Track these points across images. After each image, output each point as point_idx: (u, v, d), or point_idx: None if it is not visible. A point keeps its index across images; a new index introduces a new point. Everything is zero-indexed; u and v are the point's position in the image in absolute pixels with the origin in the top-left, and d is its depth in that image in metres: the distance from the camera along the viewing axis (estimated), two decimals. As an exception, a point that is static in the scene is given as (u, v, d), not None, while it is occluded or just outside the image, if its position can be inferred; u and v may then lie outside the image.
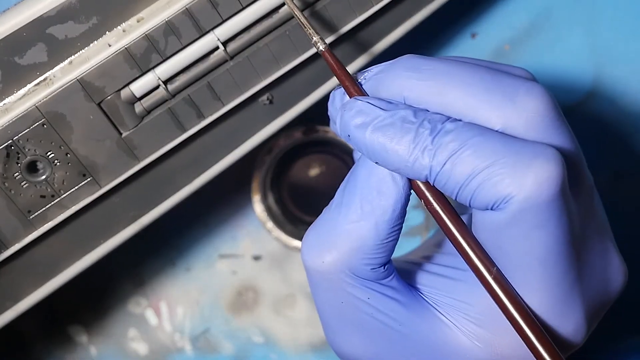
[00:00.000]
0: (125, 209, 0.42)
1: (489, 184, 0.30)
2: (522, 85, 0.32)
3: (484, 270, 0.32)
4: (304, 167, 0.55)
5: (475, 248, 0.32)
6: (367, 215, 0.33)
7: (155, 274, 0.55)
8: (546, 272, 0.32)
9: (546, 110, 0.32)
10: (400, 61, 0.33)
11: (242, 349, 0.55)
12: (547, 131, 0.32)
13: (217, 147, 0.43)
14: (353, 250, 0.33)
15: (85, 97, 0.38)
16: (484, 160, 0.30)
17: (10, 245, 0.40)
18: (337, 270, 0.34)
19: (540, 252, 0.31)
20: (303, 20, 0.35)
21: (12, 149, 0.38)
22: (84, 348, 0.56)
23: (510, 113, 0.31)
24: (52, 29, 0.37)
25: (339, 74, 0.34)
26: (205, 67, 0.40)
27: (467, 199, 0.31)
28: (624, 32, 0.53)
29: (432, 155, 0.31)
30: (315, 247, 0.34)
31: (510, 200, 0.30)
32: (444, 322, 0.34)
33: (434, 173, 0.31)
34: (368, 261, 0.34)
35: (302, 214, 0.56)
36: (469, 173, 0.30)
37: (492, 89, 0.32)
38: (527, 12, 0.54)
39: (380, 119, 0.32)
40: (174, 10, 0.38)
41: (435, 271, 0.36)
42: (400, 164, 0.32)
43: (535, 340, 0.31)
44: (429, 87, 0.32)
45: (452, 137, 0.31)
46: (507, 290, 0.32)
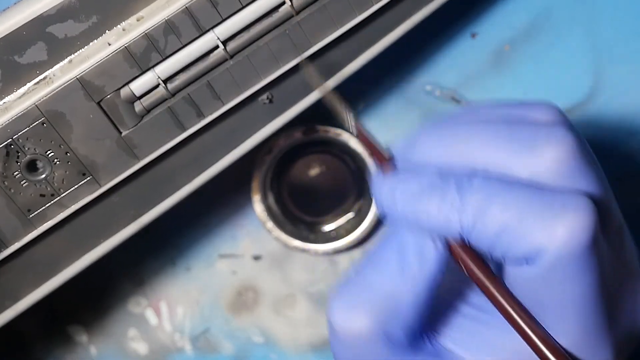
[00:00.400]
0: (125, 208, 0.42)
1: (520, 239, 0.30)
2: (540, 132, 0.32)
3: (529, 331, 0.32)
4: (304, 167, 0.55)
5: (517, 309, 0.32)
6: (406, 278, 0.32)
7: (155, 274, 0.55)
8: (580, 319, 0.32)
9: (567, 155, 0.31)
10: (423, 131, 0.34)
11: (242, 349, 0.55)
12: (573, 176, 0.31)
13: (217, 146, 0.43)
14: (390, 314, 0.33)
15: (85, 96, 0.38)
16: (513, 214, 0.30)
17: (10, 244, 0.40)
18: (371, 333, 0.33)
19: (574, 300, 0.31)
20: (335, 102, 0.37)
21: (12, 147, 0.38)
22: (84, 348, 0.56)
23: (534, 163, 0.31)
24: (52, 27, 0.37)
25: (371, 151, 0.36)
26: (205, 66, 0.40)
27: (501, 254, 0.31)
28: (624, 32, 0.53)
29: (462, 213, 0.31)
30: (348, 307, 0.33)
31: (541, 253, 0.30)
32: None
33: (466, 230, 0.31)
34: (404, 325, 0.33)
35: (302, 214, 0.56)
36: (499, 228, 0.30)
37: (514, 140, 0.32)
38: (527, 12, 0.54)
39: (410, 189, 0.32)
40: (174, 9, 0.38)
41: (463, 312, 0.36)
42: (434, 225, 0.32)
43: None
44: (453, 152, 0.33)
45: (478, 193, 0.31)
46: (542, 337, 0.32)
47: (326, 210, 0.56)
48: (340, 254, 0.55)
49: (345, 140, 0.53)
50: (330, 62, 0.43)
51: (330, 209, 0.56)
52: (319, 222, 0.56)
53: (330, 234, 0.55)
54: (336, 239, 0.54)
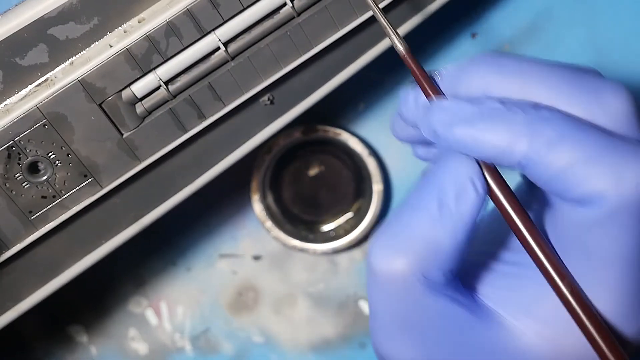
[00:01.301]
0: (126, 210, 0.42)
1: (587, 178, 0.30)
2: (606, 83, 0.32)
3: (556, 277, 0.32)
4: (303, 166, 0.55)
5: (550, 256, 0.32)
6: (445, 219, 0.32)
7: (155, 274, 0.55)
8: (625, 275, 0.31)
9: (630, 110, 0.31)
10: (479, 58, 0.33)
11: (242, 349, 0.55)
12: (633, 132, 0.32)
13: (218, 148, 0.43)
14: (428, 254, 0.33)
15: (87, 97, 0.38)
16: (583, 153, 0.30)
17: (12, 245, 0.40)
18: (410, 274, 0.33)
19: (624, 253, 0.31)
20: (384, 21, 0.35)
21: (14, 149, 0.38)
22: (84, 348, 0.56)
23: (596, 111, 0.31)
24: (53, 29, 0.37)
25: (418, 75, 0.34)
26: (206, 68, 0.40)
27: (559, 190, 0.31)
28: (624, 32, 0.53)
29: (529, 141, 0.30)
30: (387, 248, 0.33)
31: (605, 196, 0.30)
32: (505, 325, 0.34)
33: (529, 160, 0.31)
34: (441, 266, 0.33)
35: (301, 214, 0.56)
36: (566, 164, 0.30)
37: (577, 86, 0.32)
38: (527, 12, 0.54)
39: (468, 113, 0.32)
40: (175, 11, 0.38)
41: (497, 269, 0.35)
42: (494, 152, 0.31)
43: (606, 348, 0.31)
44: (512, 84, 0.32)
45: (549, 125, 0.30)
46: (579, 297, 0.32)
47: (325, 209, 0.56)
48: (340, 254, 0.55)
49: (344, 140, 0.54)
50: (331, 63, 0.43)
51: (330, 208, 0.56)
52: (318, 222, 0.56)
53: (330, 233, 0.55)
54: (335, 239, 0.54)
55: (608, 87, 0.32)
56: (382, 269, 0.33)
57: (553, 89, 0.32)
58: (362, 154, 0.54)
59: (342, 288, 0.55)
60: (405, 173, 0.55)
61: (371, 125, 0.55)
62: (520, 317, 0.34)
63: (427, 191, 0.33)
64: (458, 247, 0.33)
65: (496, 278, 0.35)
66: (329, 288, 0.55)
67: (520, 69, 0.32)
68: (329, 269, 0.55)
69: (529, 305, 0.34)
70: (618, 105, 0.31)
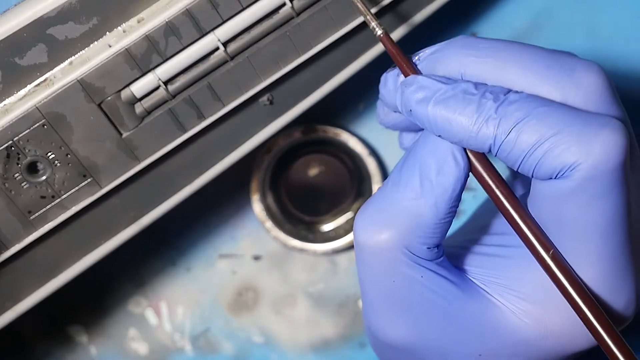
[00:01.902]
0: (126, 210, 0.42)
1: (556, 152, 0.30)
2: (579, 61, 0.33)
3: (541, 249, 0.32)
4: (303, 166, 0.55)
5: (533, 227, 0.33)
6: (427, 193, 0.33)
7: (155, 274, 0.55)
8: (605, 243, 0.32)
9: (603, 86, 0.32)
10: (456, 41, 0.34)
11: (242, 349, 0.55)
12: (605, 106, 0.32)
13: (218, 148, 0.43)
14: (411, 228, 0.33)
15: (86, 97, 0.38)
16: (550, 128, 0.30)
17: (11, 245, 0.40)
18: (394, 247, 0.34)
19: (601, 222, 0.31)
20: (361, 5, 0.36)
21: (13, 149, 0.38)
22: (84, 348, 0.56)
23: (569, 88, 0.32)
24: (53, 29, 0.37)
25: (396, 55, 0.35)
26: (205, 68, 0.40)
27: (531, 168, 0.31)
28: (624, 32, 0.53)
29: (497, 124, 0.31)
30: (372, 223, 0.34)
31: (576, 168, 0.30)
32: (493, 303, 0.34)
33: (498, 142, 0.31)
34: (425, 240, 0.34)
35: (301, 214, 0.56)
36: (535, 141, 0.31)
37: (550, 65, 0.32)
38: (527, 12, 0.54)
39: (442, 92, 0.32)
40: (175, 11, 0.38)
41: (483, 252, 0.36)
42: (464, 134, 0.32)
43: (592, 318, 0.31)
44: (487, 64, 0.33)
45: (516, 106, 0.31)
46: (564, 269, 0.32)
47: (325, 210, 0.56)
48: (340, 254, 0.55)
49: (344, 140, 0.54)
50: (330, 63, 0.43)
51: (329, 208, 0.56)
52: (318, 222, 0.56)
53: (329, 233, 0.55)
54: (335, 239, 0.54)
55: (580, 64, 0.32)
56: (366, 242, 0.34)
57: (527, 69, 0.32)
58: (362, 154, 0.54)
59: (342, 288, 0.55)
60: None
61: (371, 125, 0.55)
62: (507, 296, 0.34)
63: (409, 166, 0.34)
64: (440, 220, 0.33)
65: (482, 259, 0.36)
66: (329, 288, 0.55)
67: (495, 50, 0.33)
68: (329, 269, 0.55)
69: (515, 284, 0.34)
70: (590, 81, 0.32)
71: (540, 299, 0.34)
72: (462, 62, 0.33)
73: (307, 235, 0.55)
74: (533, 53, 0.33)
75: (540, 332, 0.34)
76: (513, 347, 0.34)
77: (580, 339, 0.34)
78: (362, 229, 0.34)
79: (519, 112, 0.31)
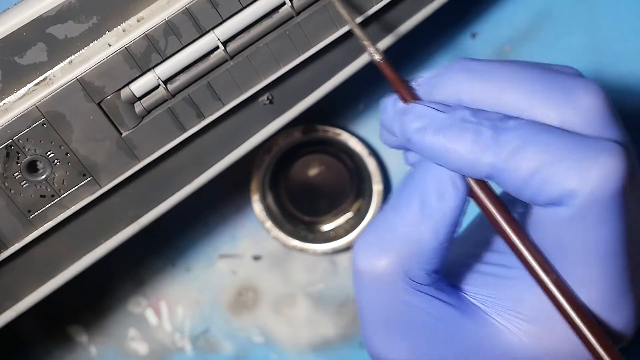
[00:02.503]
0: (125, 209, 0.42)
1: (554, 180, 0.30)
2: (579, 82, 0.32)
3: (543, 274, 0.32)
4: (303, 166, 0.55)
5: (534, 252, 0.32)
6: (426, 219, 0.33)
7: (155, 274, 0.55)
8: (605, 268, 0.32)
9: (602, 107, 0.32)
10: (453, 65, 0.34)
11: (242, 349, 0.55)
12: (605, 128, 0.32)
13: (217, 147, 0.43)
14: (411, 254, 0.33)
15: (85, 96, 0.38)
16: (548, 155, 0.30)
17: (10, 244, 0.40)
18: (393, 273, 0.33)
19: (601, 247, 0.31)
20: (358, 31, 0.36)
21: (12, 148, 0.38)
22: (84, 348, 0.56)
23: (567, 110, 0.32)
24: (52, 28, 0.37)
25: (394, 81, 0.35)
26: (205, 67, 0.40)
27: (530, 195, 0.31)
28: (624, 32, 0.53)
29: (495, 152, 0.31)
30: (371, 248, 0.34)
31: (574, 195, 0.30)
32: (492, 323, 0.34)
33: (497, 171, 0.31)
34: (424, 265, 0.33)
35: (301, 214, 0.56)
36: (533, 169, 0.30)
37: (549, 87, 0.32)
38: (527, 12, 0.54)
39: (440, 121, 0.32)
40: (174, 10, 0.38)
41: (482, 270, 0.36)
42: (462, 163, 0.32)
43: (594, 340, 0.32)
44: (485, 89, 0.32)
45: (514, 134, 0.31)
46: (566, 293, 0.32)
47: (325, 210, 0.56)
48: (340, 254, 0.55)
49: (344, 140, 0.54)
50: (330, 62, 0.43)
51: (329, 208, 0.56)
52: (318, 222, 0.56)
53: (329, 233, 0.55)
54: (335, 239, 0.54)
55: (579, 85, 0.32)
56: (366, 269, 0.34)
57: (524, 92, 0.32)
58: (362, 154, 0.54)
59: (342, 288, 0.55)
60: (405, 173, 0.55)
61: (371, 125, 0.55)
62: (506, 316, 0.34)
63: (409, 191, 0.34)
64: (440, 246, 0.33)
65: (481, 278, 0.35)
66: (329, 288, 0.55)
67: (493, 73, 0.33)
68: (329, 269, 0.55)
69: (514, 304, 0.34)
70: (589, 102, 0.32)
71: (539, 318, 0.34)
72: (459, 88, 0.33)
73: (307, 235, 0.55)
74: (531, 74, 0.33)
75: (540, 351, 0.34)
76: None
77: (580, 358, 0.34)
78: (362, 254, 0.34)
79: (516, 139, 0.31)
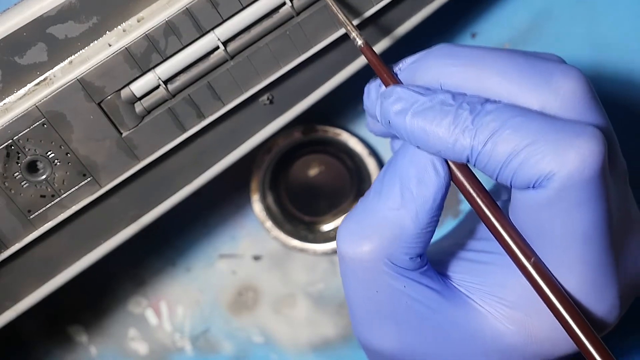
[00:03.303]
0: (125, 209, 0.42)
1: (531, 162, 0.30)
2: (558, 67, 0.32)
3: (522, 258, 0.32)
4: (303, 166, 0.55)
5: (514, 236, 0.33)
6: (407, 203, 0.33)
7: (155, 274, 0.55)
8: (585, 252, 0.32)
9: (582, 91, 0.32)
10: (434, 50, 0.34)
11: (242, 349, 0.55)
12: (584, 112, 0.32)
13: (218, 147, 0.43)
14: (393, 238, 0.33)
15: (86, 96, 0.38)
16: (526, 138, 0.30)
17: (10, 245, 0.40)
18: (376, 258, 0.34)
19: (580, 230, 0.31)
20: (342, 17, 0.36)
21: (12, 148, 0.38)
22: (84, 348, 0.56)
23: (547, 95, 0.32)
24: (52, 28, 0.37)
25: (376, 66, 0.35)
26: (205, 67, 0.40)
27: (508, 178, 0.31)
28: (624, 32, 0.53)
29: (473, 135, 0.31)
30: (354, 234, 0.34)
31: (552, 177, 0.30)
32: (477, 309, 0.34)
33: (475, 153, 0.31)
34: (407, 250, 0.34)
35: (301, 214, 0.56)
36: (511, 151, 0.31)
37: (529, 72, 0.32)
38: (527, 12, 0.54)
39: (420, 104, 0.32)
40: (174, 10, 0.38)
41: (466, 257, 0.36)
42: (441, 146, 0.32)
43: (574, 324, 0.32)
44: (465, 73, 0.33)
45: (492, 117, 0.31)
46: (545, 277, 0.32)
47: (325, 209, 0.56)
48: (340, 254, 0.55)
49: (344, 140, 0.54)
50: (330, 62, 0.43)
51: (329, 208, 0.56)
52: (318, 222, 0.56)
53: (329, 233, 0.55)
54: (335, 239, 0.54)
55: (559, 70, 0.32)
56: (349, 254, 0.34)
57: (505, 77, 0.32)
58: (362, 154, 0.54)
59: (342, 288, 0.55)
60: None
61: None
62: (490, 302, 0.34)
63: (390, 176, 0.34)
64: (422, 230, 0.33)
65: (466, 265, 0.36)
66: (329, 288, 0.55)
67: (474, 58, 0.33)
68: (329, 269, 0.55)
69: (498, 291, 0.34)
70: (569, 87, 0.32)
71: (523, 305, 0.34)
72: (441, 72, 0.33)
73: (307, 235, 0.55)
74: (512, 60, 0.33)
75: (524, 338, 0.34)
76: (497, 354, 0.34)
77: (564, 344, 0.34)
78: (344, 240, 0.34)
79: (494, 122, 0.31)
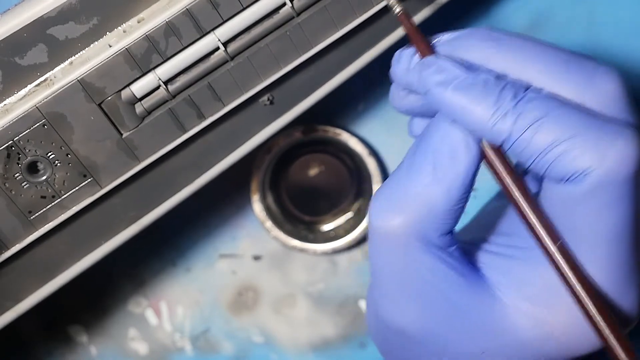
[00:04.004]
0: (126, 210, 0.42)
1: (571, 156, 0.30)
2: (600, 67, 0.33)
3: (548, 240, 0.32)
4: (303, 166, 0.55)
5: (542, 218, 0.33)
6: (439, 179, 0.33)
7: (155, 274, 0.55)
8: (613, 249, 0.32)
9: (621, 93, 0.32)
10: (477, 31, 0.34)
11: (242, 349, 0.55)
12: (621, 114, 0.32)
13: (218, 148, 0.43)
14: (424, 213, 0.33)
15: (86, 97, 0.38)
16: (567, 131, 0.30)
17: (11, 245, 0.40)
18: (406, 233, 0.34)
19: (610, 228, 0.32)
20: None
21: (13, 149, 0.38)
22: (84, 348, 0.56)
23: (587, 92, 0.32)
24: (53, 29, 0.37)
25: (414, 35, 0.35)
26: (205, 68, 0.40)
27: (543, 168, 0.31)
28: (624, 32, 0.53)
29: (514, 120, 0.31)
30: (386, 208, 0.34)
31: (590, 173, 0.30)
32: (500, 300, 0.34)
33: (513, 138, 0.31)
34: (437, 226, 0.34)
35: (301, 214, 0.56)
36: (551, 142, 0.31)
37: (571, 67, 0.32)
38: (527, 12, 0.54)
39: (462, 79, 0.32)
40: (175, 11, 0.38)
41: (490, 249, 0.36)
42: (479, 125, 0.32)
43: (596, 312, 0.32)
44: (508, 59, 0.33)
45: (535, 104, 0.31)
46: (570, 261, 0.32)
47: (325, 209, 0.56)
48: (340, 254, 0.55)
49: (344, 140, 0.54)
50: (330, 63, 0.43)
51: (329, 208, 0.56)
52: (318, 222, 0.56)
53: (329, 233, 0.55)
54: (335, 239, 0.54)
55: (600, 69, 0.33)
56: (380, 227, 0.34)
57: (547, 68, 0.32)
58: (362, 154, 0.54)
59: (342, 288, 0.55)
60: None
61: (371, 125, 0.55)
62: (511, 296, 0.34)
63: (421, 151, 0.34)
64: (453, 207, 0.33)
65: (489, 257, 0.36)
66: (329, 288, 0.55)
67: (517, 46, 0.33)
68: (329, 269, 0.55)
69: (520, 285, 0.34)
70: (608, 87, 0.32)
71: (544, 301, 0.34)
72: (483, 53, 0.33)
73: (307, 235, 0.55)
74: (555, 53, 0.33)
75: (544, 334, 0.34)
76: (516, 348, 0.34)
77: (584, 342, 0.34)
78: (376, 214, 0.34)
79: (537, 110, 0.31)
